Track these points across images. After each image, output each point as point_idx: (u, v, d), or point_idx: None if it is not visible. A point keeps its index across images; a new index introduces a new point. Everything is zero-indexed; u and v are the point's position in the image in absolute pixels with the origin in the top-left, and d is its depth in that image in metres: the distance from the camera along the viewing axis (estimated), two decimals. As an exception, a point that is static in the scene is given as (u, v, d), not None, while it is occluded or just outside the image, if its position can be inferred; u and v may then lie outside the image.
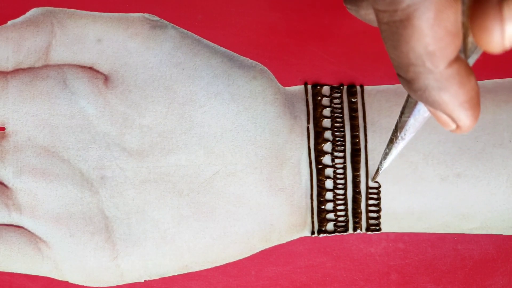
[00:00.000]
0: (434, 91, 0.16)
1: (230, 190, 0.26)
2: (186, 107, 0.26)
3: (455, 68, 0.16)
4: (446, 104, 0.17)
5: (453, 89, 0.16)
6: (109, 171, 0.26)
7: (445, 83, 0.16)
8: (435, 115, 0.17)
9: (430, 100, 0.17)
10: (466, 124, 0.17)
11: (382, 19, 0.16)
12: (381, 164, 0.25)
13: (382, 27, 0.16)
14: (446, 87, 0.16)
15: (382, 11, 0.16)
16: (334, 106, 0.28)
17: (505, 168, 0.27)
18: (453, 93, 0.16)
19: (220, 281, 0.28)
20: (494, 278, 0.28)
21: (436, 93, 0.16)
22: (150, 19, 0.27)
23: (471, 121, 0.17)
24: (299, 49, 0.28)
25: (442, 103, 0.17)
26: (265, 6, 0.28)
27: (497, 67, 0.28)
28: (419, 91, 0.17)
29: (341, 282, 0.28)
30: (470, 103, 0.17)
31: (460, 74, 0.16)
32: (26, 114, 0.26)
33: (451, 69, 0.16)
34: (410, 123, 0.20)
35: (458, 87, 0.16)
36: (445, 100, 0.16)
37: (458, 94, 0.16)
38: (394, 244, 0.28)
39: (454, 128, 0.18)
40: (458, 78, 0.16)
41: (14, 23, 0.26)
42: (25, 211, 0.26)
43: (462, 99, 0.16)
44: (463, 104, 0.17)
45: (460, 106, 0.17)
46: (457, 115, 0.17)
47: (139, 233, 0.26)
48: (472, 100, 0.17)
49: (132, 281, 0.27)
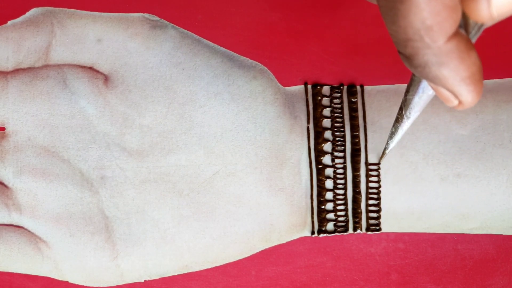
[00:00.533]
0: (434, 66, 0.16)
1: (230, 190, 0.26)
2: (186, 107, 0.26)
3: (454, 43, 0.16)
4: (447, 80, 0.16)
5: (453, 64, 0.16)
6: (109, 171, 0.26)
7: (444, 58, 0.16)
8: (437, 91, 0.17)
9: (431, 76, 0.17)
10: (468, 99, 0.17)
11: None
12: (387, 144, 0.25)
13: (380, 3, 0.16)
14: (445, 62, 0.16)
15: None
16: (334, 106, 0.28)
17: (505, 168, 0.27)
18: (453, 68, 0.16)
19: (220, 281, 0.28)
20: (494, 278, 0.28)
21: (436, 69, 0.16)
22: (150, 19, 0.27)
23: (473, 97, 0.17)
24: (299, 49, 0.28)
25: (442, 79, 0.16)
26: (265, 6, 0.28)
27: (497, 67, 0.28)
28: (419, 67, 0.17)
29: (341, 282, 0.28)
30: (471, 79, 0.16)
31: (460, 49, 0.16)
32: (26, 114, 0.26)
33: (450, 43, 0.16)
34: (415, 101, 0.20)
35: (458, 62, 0.16)
36: (445, 75, 0.16)
37: (459, 69, 0.16)
38: (394, 244, 0.28)
39: (456, 104, 0.17)
40: (458, 52, 0.16)
41: (14, 23, 0.26)
42: (25, 211, 0.26)
43: (463, 74, 0.16)
44: (465, 79, 0.16)
45: (461, 81, 0.16)
46: (458, 91, 0.17)
47: (139, 233, 0.26)
48: (473, 75, 0.16)
49: (132, 281, 0.27)
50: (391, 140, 0.24)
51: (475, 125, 0.27)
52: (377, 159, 0.27)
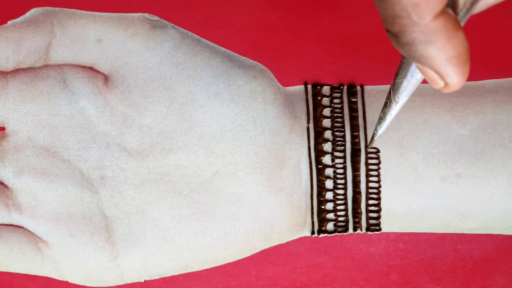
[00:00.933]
0: (420, 44, 0.16)
1: (230, 190, 0.26)
2: (186, 107, 0.26)
3: (441, 21, 0.16)
4: (433, 59, 0.16)
5: (439, 43, 0.16)
6: (109, 171, 0.26)
7: (431, 36, 0.16)
8: (423, 72, 0.17)
9: (417, 55, 0.16)
10: (454, 81, 0.17)
11: None
12: (375, 130, 0.24)
13: None
14: (432, 40, 0.16)
15: None
16: (334, 106, 0.28)
17: (505, 168, 0.27)
18: (440, 47, 0.16)
19: (220, 281, 0.28)
20: (494, 278, 0.28)
21: (422, 47, 0.16)
22: (150, 19, 0.27)
23: (459, 78, 0.17)
24: (299, 49, 0.28)
25: (429, 58, 0.16)
26: (265, 6, 0.28)
27: (497, 67, 0.28)
28: (406, 45, 0.16)
29: (341, 282, 0.28)
30: (458, 59, 0.16)
31: (447, 28, 0.16)
32: (26, 114, 0.26)
33: (437, 21, 0.16)
34: (404, 85, 0.20)
35: (445, 41, 0.16)
36: (432, 54, 0.16)
37: (445, 49, 0.16)
38: (394, 244, 0.28)
39: (442, 85, 0.17)
40: (445, 31, 0.16)
41: (14, 23, 0.26)
42: (25, 211, 0.26)
43: (449, 54, 0.16)
44: (451, 59, 0.16)
45: (447, 61, 0.16)
46: (444, 71, 0.17)
47: (139, 233, 0.26)
48: (460, 56, 0.16)
49: (132, 281, 0.27)
50: (379, 126, 0.24)
51: (475, 125, 0.27)
52: None
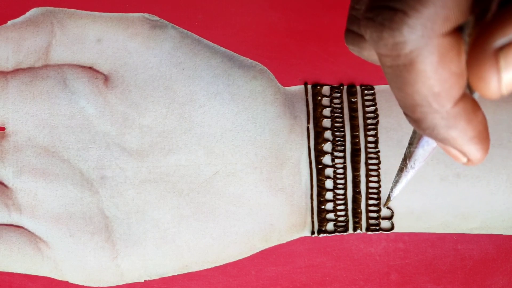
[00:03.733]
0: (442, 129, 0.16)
1: (230, 190, 0.26)
2: (186, 107, 0.26)
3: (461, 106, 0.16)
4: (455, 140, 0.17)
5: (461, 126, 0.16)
6: (109, 171, 0.26)
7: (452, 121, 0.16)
8: (445, 149, 0.18)
9: (440, 138, 0.17)
10: (477, 157, 0.17)
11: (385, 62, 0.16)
12: (391, 191, 0.25)
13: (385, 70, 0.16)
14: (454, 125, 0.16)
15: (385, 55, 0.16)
16: (334, 106, 0.28)
17: (505, 168, 0.27)
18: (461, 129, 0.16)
19: (220, 281, 0.28)
20: (494, 278, 0.28)
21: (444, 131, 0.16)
22: (150, 19, 0.27)
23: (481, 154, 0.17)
24: (299, 49, 0.28)
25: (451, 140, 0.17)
26: (265, 6, 0.28)
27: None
28: (428, 130, 0.17)
29: (341, 282, 0.28)
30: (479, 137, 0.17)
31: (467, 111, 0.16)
32: (26, 114, 0.26)
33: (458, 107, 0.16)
34: (419, 153, 0.20)
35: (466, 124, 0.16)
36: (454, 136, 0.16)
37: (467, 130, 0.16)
38: (394, 244, 0.28)
39: (465, 161, 0.18)
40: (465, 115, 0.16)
41: (14, 23, 0.26)
42: (25, 211, 0.26)
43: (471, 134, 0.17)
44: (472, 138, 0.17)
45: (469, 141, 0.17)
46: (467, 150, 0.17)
47: (139, 233, 0.26)
48: (480, 134, 0.17)
49: (132, 281, 0.27)
50: (395, 188, 0.24)
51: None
52: None
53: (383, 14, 0.15)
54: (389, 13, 0.15)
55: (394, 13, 0.15)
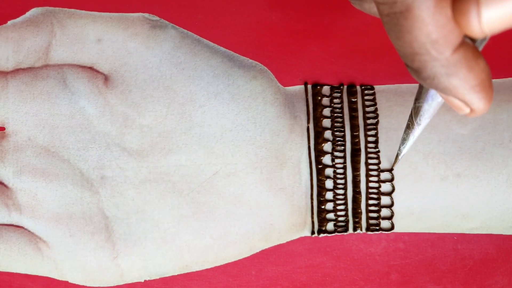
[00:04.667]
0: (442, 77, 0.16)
1: (230, 190, 0.26)
2: (186, 107, 0.26)
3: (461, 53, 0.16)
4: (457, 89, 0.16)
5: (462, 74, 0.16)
6: (109, 171, 0.26)
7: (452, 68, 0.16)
8: (448, 100, 0.17)
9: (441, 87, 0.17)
10: (480, 107, 0.17)
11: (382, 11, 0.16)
12: (399, 150, 0.25)
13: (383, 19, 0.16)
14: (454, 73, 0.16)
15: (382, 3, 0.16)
16: (334, 106, 0.28)
17: (505, 167, 0.27)
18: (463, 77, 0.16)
19: (220, 281, 0.28)
20: (494, 278, 0.28)
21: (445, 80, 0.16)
22: (150, 19, 0.27)
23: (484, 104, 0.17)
24: (299, 49, 0.28)
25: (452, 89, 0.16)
26: (265, 6, 0.28)
27: (497, 67, 0.28)
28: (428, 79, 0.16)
29: (341, 282, 0.28)
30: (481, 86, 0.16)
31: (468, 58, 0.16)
32: (26, 114, 0.26)
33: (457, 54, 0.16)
34: (425, 108, 0.20)
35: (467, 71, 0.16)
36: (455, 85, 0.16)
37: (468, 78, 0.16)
38: (394, 244, 0.28)
39: (468, 111, 0.17)
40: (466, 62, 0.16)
41: (14, 23, 0.26)
42: (25, 211, 0.26)
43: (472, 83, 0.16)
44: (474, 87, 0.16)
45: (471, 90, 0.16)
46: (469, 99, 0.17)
47: (139, 233, 0.26)
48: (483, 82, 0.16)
49: (132, 281, 0.27)
50: (403, 146, 0.24)
51: (475, 125, 0.27)
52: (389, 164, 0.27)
53: None
54: None
55: None
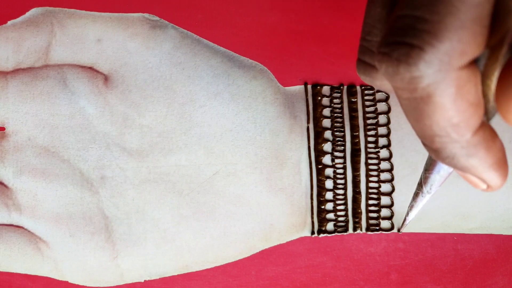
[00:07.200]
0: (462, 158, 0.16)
1: (230, 190, 0.26)
2: (186, 107, 0.26)
3: (480, 135, 0.16)
4: (476, 168, 0.17)
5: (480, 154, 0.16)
6: (109, 171, 0.26)
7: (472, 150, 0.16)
8: (465, 177, 0.18)
9: (459, 166, 0.17)
10: (497, 183, 0.17)
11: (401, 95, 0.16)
12: (407, 215, 0.25)
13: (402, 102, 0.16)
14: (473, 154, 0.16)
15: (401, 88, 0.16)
16: (334, 106, 0.28)
17: (505, 168, 0.27)
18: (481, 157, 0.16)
19: (220, 281, 0.28)
20: (494, 278, 0.28)
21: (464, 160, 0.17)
22: (150, 19, 0.27)
23: (501, 180, 0.17)
24: (299, 49, 0.28)
25: (471, 168, 0.17)
26: (265, 6, 0.28)
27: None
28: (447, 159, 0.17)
29: (341, 282, 0.28)
30: (498, 164, 0.17)
31: (486, 139, 0.16)
32: (26, 114, 0.26)
33: (477, 136, 0.16)
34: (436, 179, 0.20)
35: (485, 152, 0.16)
36: (473, 164, 0.17)
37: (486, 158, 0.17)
38: (394, 244, 0.28)
39: (485, 188, 0.18)
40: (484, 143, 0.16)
41: (14, 23, 0.26)
42: (25, 211, 0.26)
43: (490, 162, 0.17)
44: (492, 165, 0.17)
45: (489, 168, 0.17)
46: (487, 177, 0.17)
47: (139, 233, 0.26)
48: (500, 161, 0.17)
49: (132, 281, 0.27)
50: (411, 212, 0.24)
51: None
52: None
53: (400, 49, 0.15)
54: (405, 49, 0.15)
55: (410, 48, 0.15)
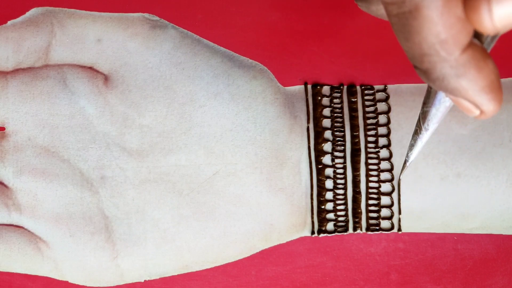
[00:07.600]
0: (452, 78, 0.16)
1: (230, 190, 0.26)
2: (186, 107, 0.26)
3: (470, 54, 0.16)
4: (466, 90, 0.16)
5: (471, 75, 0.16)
6: (109, 171, 0.26)
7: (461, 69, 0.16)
8: (457, 102, 0.17)
9: (450, 88, 0.16)
10: (490, 108, 0.17)
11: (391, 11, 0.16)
12: (407, 156, 0.24)
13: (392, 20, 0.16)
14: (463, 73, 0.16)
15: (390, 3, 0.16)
16: (334, 106, 0.28)
17: (505, 167, 0.27)
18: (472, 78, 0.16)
19: (220, 281, 0.28)
20: (494, 278, 0.28)
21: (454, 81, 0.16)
22: (150, 19, 0.27)
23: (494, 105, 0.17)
24: (299, 49, 0.28)
25: (462, 90, 0.16)
26: (265, 6, 0.28)
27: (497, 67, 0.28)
28: (437, 81, 0.16)
29: (341, 282, 0.28)
30: (490, 87, 0.16)
31: (476, 59, 0.16)
32: (26, 114, 0.26)
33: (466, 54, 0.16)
34: (432, 113, 0.20)
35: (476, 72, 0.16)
36: (464, 86, 0.16)
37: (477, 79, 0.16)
38: (394, 244, 0.28)
39: (478, 113, 0.17)
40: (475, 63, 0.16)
41: (14, 23, 0.26)
42: (25, 211, 0.26)
43: (481, 84, 0.16)
44: (484, 88, 0.16)
45: (481, 91, 0.16)
46: (479, 100, 0.17)
47: (139, 233, 0.26)
48: (492, 83, 0.16)
49: (132, 281, 0.27)
50: (410, 152, 0.24)
51: (475, 125, 0.27)
52: None
53: None
54: None
55: None
